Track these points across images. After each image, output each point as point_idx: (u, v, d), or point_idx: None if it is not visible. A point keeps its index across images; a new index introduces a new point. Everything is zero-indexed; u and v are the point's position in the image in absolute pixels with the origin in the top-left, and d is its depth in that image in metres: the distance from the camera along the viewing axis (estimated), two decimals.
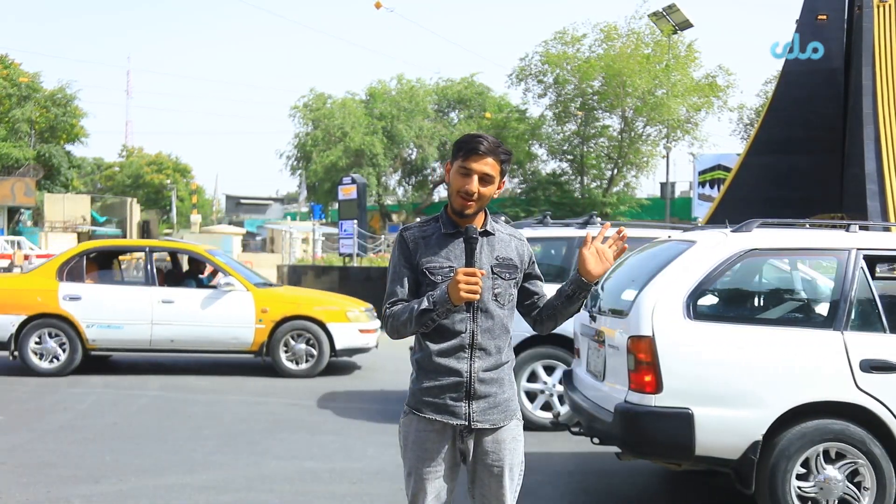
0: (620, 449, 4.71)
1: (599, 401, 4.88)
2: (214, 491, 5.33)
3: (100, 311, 9.91)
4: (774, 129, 23.82)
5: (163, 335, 9.92)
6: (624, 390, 4.52)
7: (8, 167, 41.62)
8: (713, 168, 35.54)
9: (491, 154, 2.74)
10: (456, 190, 2.77)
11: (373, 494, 5.32)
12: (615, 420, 4.48)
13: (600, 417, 4.71)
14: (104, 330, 9.91)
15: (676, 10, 33.03)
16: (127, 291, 10.18)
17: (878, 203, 20.92)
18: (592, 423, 4.92)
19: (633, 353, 4.44)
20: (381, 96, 39.89)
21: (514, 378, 2.95)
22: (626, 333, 4.53)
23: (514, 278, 2.84)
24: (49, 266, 10.22)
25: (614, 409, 4.49)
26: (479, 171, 2.74)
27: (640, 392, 4.40)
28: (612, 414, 4.52)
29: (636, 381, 4.43)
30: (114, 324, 9.92)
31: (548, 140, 37.18)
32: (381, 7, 29.43)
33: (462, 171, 2.76)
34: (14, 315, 9.87)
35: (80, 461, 6.03)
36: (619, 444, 4.64)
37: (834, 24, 23.52)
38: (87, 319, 9.87)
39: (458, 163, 2.77)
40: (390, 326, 2.81)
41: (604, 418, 4.65)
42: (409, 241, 2.84)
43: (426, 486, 2.79)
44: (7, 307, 9.92)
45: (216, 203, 73.73)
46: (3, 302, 9.98)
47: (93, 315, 9.88)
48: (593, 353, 5.17)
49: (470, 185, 2.73)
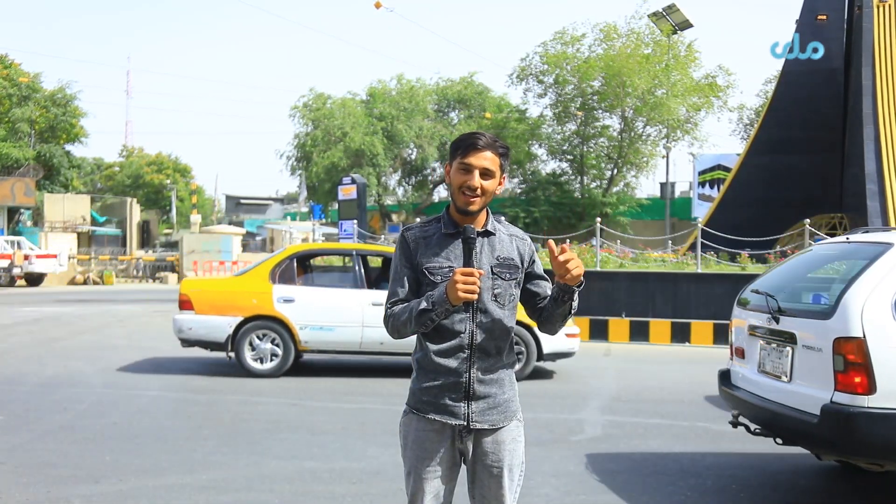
0: (822, 449, 4.78)
1: (788, 402, 4.92)
2: (214, 491, 5.33)
3: (312, 313, 10.02)
4: (774, 130, 23.84)
5: (373, 338, 9.93)
6: (825, 392, 4.56)
7: (8, 167, 41.60)
8: (713, 168, 35.57)
9: (489, 148, 2.75)
10: (458, 187, 2.77)
11: (373, 494, 5.32)
12: (822, 421, 4.51)
13: (796, 418, 4.75)
14: (317, 332, 10.01)
15: (676, 10, 33.06)
16: (338, 294, 10.25)
17: (878, 203, 20.93)
18: (779, 423, 4.98)
19: (842, 354, 4.49)
20: (381, 96, 39.88)
21: (515, 379, 2.95)
22: (831, 335, 4.57)
23: (514, 278, 2.83)
24: (262, 269, 10.32)
25: (821, 410, 4.52)
26: (479, 167, 2.74)
27: (849, 393, 4.43)
28: (814, 415, 4.56)
29: (844, 383, 4.47)
30: (326, 326, 10.01)
31: (548, 140, 37.20)
32: (380, 7, 29.44)
33: (462, 167, 2.76)
34: (231, 317, 10.00)
35: (80, 461, 6.03)
36: (822, 444, 4.70)
37: (834, 24, 23.53)
38: (301, 321, 9.97)
39: (458, 160, 2.77)
40: (391, 326, 2.83)
41: (803, 419, 4.68)
42: (409, 242, 2.85)
43: (425, 485, 2.80)
44: (224, 309, 10.04)
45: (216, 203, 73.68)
46: (220, 304, 10.08)
47: (306, 317, 9.99)
48: (772, 354, 5.23)
49: (472, 180, 2.74)
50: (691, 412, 8.24)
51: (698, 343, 14.41)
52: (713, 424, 7.65)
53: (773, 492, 5.58)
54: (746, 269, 15.59)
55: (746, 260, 16.08)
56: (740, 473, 6.01)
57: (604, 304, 15.09)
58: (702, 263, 15.83)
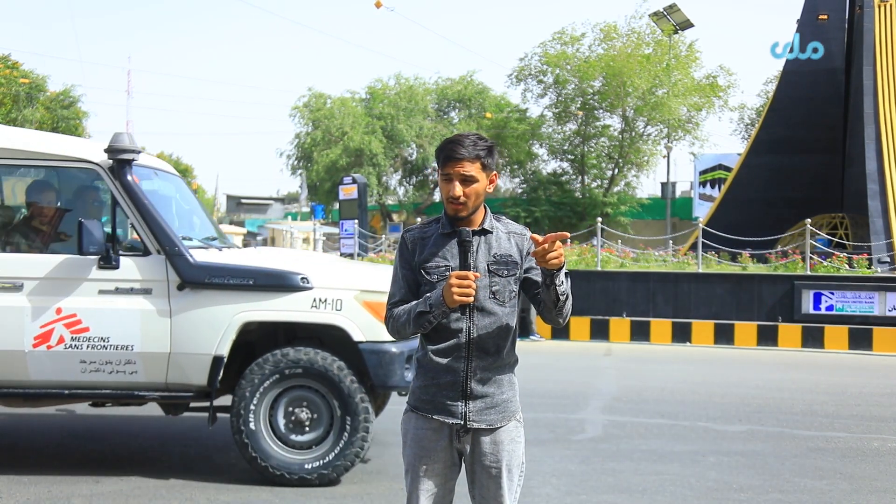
0: None
1: None
2: (214, 490, 5.33)
3: None
4: (775, 129, 23.83)
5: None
6: None
7: None
8: (714, 168, 35.55)
9: (467, 157, 2.75)
10: (444, 197, 2.81)
11: (373, 494, 5.32)
12: None
13: None
14: None
15: (677, 9, 33.04)
16: None
17: (879, 203, 20.92)
18: None
19: None
20: (381, 96, 39.86)
21: (515, 379, 2.94)
22: None
23: (513, 274, 2.83)
24: None
25: None
26: (458, 176, 2.76)
27: None
28: None
29: None
30: None
31: (548, 140, 37.16)
32: (381, 6, 29.44)
33: (443, 177, 2.79)
34: None
35: (80, 460, 6.03)
36: None
37: (834, 24, 23.52)
38: None
39: (440, 171, 2.81)
40: (391, 327, 2.86)
41: None
42: (408, 243, 2.88)
43: (422, 483, 2.82)
44: None
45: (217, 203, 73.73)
46: None
47: None
48: None
49: (453, 190, 2.76)
50: (692, 412, 8.24)
51: (699, 343, 14.41)
52: (714, 424, 7.64)
53: (775, 492, 5.58)
54: (747, 269, 15.59)
55: (747, 260, 16.08)
56: (742, 473, 6.01)
57: (605, 303, 15.10)
58: (703, 263, 15.83)
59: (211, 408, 5.46)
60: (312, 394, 5.45)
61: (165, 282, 5.38)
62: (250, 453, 5.37)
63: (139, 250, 5.44)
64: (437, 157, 2.82)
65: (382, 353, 5.38)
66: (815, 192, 22.93)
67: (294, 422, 5.43)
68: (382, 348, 5.38)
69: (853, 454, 6.51)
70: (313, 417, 5.43)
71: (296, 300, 5.40)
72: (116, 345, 5.32)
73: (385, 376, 5.39)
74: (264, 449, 5.38)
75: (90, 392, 5.50)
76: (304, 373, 5.38)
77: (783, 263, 15.55)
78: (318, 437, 5.44)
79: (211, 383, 5.37)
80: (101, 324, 5.32)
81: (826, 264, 15.17)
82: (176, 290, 5.37)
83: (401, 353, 5.40)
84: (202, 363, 5.36)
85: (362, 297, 5.43)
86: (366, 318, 5.40)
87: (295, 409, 5.44)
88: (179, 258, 5.35)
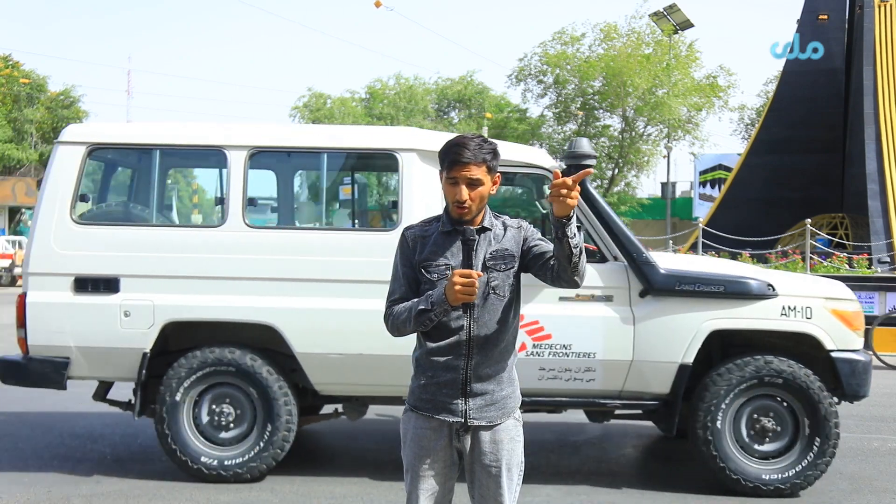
0: None
1: None
2: (214, 490, 5.33)
3: None
4: (775, 129, 23.83)
5: None
6: None
7: (9, 168, 41.64)
8: (714, 168, 35.56)
9: (473, 161, 2.74)
10: (450, 201, 2.79)
11: (373, 494, 5.32)
12: None
13: None
14: None
15: (677, 9, 33.03)
16: None
17: (879, 203, 20.92)
18: None
19: None
20: (381, 96, 39.87)
21: (515, 375, 2.94)
22: None
23: (511, 268, 2.82)
24: None
25: None
26: (465, 180, 2.75)
27: None
28: None
29: None
30: None
31: (548, 140, 37.16)
32: (380, 6, 29.44)
33: (449, 181, 2.77)
34: None
35: (80, 460, 6.03)
36: None
37: (834, 24, 23.53)
38: None
39: (444, 174, 2.79)
40: (391, 325, 2.85)
41: None
42: (409, 240, 2.88)
43: (422, 483, 2.82)
44: None
45: None
46: None
47: None
48: None
49: (460, 194, 2.75)
50: None
51: None
52: None
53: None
54: None
55: (748, 260, 16.06)
56: None
57: None
58: None
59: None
60: (776, 403, 5.37)
61: (627, 289, 5.32)
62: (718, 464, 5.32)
63: (593, 257, 5.33)
64: (442, 161, 2.79)
65: (855, 362, 5.31)
66: (815, 192, 22.93)
67: (759, 431, 5.37)
68: (854, 357, 5.32)
69: (853, 454, 6.50)
70: (777, 429, 5.37)
71: (765, 308, 5.32)
72: (578, 352, 5.27)
73: (857, 386, 5.31)
74: (726, 454, 5.30)
75: (547, 400, 5.43)
76: (783, 384, 5.29)
77: (783, 263, 15.55)
78: (782, 448, 5.37)
79: (675, 391, 5.31)
80: (563, 331, 5.26)
81: (826, 264, 15.17)
82: (637, 298, 5.32)
83: (869, 362, 5.39)
84: (666, 371, 5.30)
85: (829, 305, 5.37)
86: (837, 327, 5.33)
87: (760, 417, 5.38)
88: (647, 266, 5.29)
